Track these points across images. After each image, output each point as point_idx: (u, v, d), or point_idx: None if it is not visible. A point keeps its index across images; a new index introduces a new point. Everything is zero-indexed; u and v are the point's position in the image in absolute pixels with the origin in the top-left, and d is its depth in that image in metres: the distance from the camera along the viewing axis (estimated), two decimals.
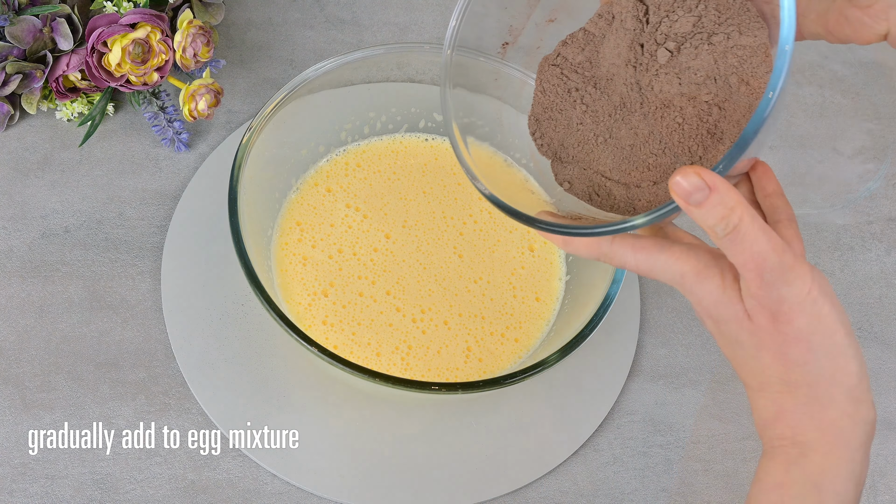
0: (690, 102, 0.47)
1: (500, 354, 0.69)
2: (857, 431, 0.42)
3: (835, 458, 0.42)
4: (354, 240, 0.72)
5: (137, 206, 0.77)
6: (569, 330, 0.65)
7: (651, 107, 0.49)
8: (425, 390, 0.60)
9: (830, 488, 0.42)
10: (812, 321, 0.41)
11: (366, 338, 0.68)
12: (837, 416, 0.42)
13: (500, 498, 0.68)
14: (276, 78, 0.84)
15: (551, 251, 0.74)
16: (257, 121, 0.67)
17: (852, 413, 0.42)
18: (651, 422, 0.72)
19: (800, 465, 0.43)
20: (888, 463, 0.73)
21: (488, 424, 0.70)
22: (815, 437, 0.42)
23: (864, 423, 0.43)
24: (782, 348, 0.42)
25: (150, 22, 0.73)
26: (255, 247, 0.66)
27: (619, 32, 0.50)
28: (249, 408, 0.69)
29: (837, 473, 0.42)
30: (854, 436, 0.42)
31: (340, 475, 0.67)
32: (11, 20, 0.73)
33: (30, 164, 0.78)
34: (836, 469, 0.42)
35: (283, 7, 0.89)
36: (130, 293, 0.73)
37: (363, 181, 0.75)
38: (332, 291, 0.70)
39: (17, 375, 0.69)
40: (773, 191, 0.51)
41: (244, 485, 0.67)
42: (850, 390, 0.42)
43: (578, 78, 0.53)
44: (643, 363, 0.75)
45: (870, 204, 0.85)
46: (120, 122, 0.81)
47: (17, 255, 0.74)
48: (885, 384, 0.76)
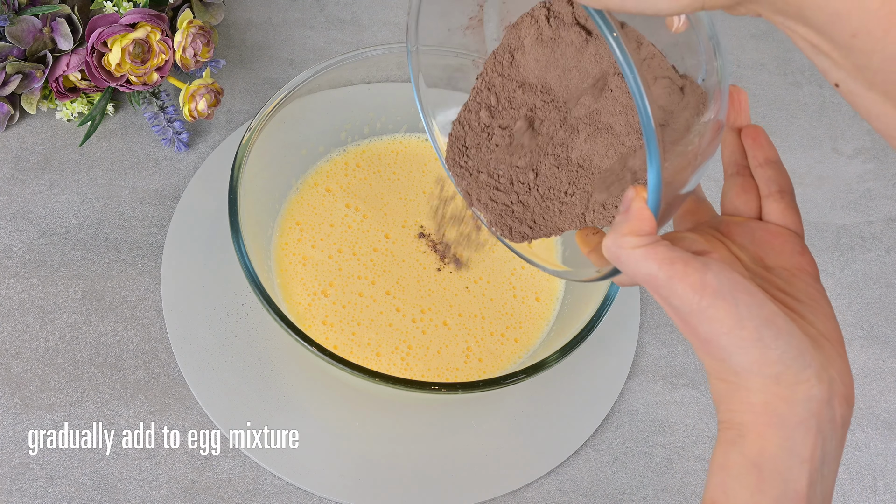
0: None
1: (500, 354, 0.69)
2: (794, 410, 0.42)
3: (771, 437, 0.42)
4: (354, 240, 0.72)
5: (137, 206, 0.77)
6: (569, 330, 0.65)
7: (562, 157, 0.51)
8: (425, 390, 0.60)
9: (770, 466, 0.42)
10: (711, 326, 0.42)
11: (365, 338, 0.68)
12: (768, 399, 0.42)
13: (500, 498, 0.68)
14: (276, 78, 0.84)
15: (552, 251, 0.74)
16: (257, 121, 0.67)
17: (787, 396, 0.42)
18: (651, 422, 0.72)
19: (737, 446, 0.43)
20: (888, 463, 0.73)
21: (488, 424, 0.70)
22: (748, 419, 0.43)
23: (805, 401, 0.42)
24: (699, 348, 0.43)
25: (150, 22, 0.73)
26: (254, 247, 0.66)
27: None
28: (249, 408, 0.69)
29: (776, 453, 0.42)
30: (791, 415, 0.42)
31: (340, 475, 0.67)
32: (11, 20, 0.73)
33: (30, 164, 0.78)
34: (774, 448, 0.42)
35: (283, 7, 0.89)
36: (130, 293, 0.73)
37: (363, 181, 0.75)
38: (332, 291, 0.70)
39: (17, 375, 0.69)
40: (766, 159, 0.51)
41: (244, 485, 0.67)
42: (778, 377, 0.42)
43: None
44: (643, 363, 0.75)
45: (870, 204, 0.85)
46: (120, 122, 0.81)
47: (17, 255, 0.74)
48: (886, 384, 0.76)
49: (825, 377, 0.43)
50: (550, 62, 0.51)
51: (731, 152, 0.52)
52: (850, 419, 0.45)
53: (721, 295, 0.42)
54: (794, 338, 0.42)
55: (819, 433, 0.43)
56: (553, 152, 0.52)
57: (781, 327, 0.42)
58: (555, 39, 0.50)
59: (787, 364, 0.42)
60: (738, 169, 0.52)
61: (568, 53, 0.50)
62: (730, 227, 0.50)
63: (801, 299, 0.46)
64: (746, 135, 0.52)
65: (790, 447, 0.42)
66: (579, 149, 0.51)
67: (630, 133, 0.49)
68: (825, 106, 0.90)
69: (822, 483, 0.43)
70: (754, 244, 0.49)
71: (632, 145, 0.49)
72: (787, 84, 0.90)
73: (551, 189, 0.52)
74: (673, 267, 0.42)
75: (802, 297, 0.46)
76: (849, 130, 0.89)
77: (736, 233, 0.50)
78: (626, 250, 0.43)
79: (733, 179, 0.52)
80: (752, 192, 0.51)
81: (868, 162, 0.87)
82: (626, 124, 0.49)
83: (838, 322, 0.47)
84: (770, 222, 0.50)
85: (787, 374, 0.42)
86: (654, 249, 0.42)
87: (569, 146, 0.52)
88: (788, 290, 0.47)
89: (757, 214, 0.51)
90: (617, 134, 0.50)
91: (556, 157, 0.52)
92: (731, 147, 0.52)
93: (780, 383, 0.42)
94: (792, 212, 0.50)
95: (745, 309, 0.41)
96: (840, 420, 0.44)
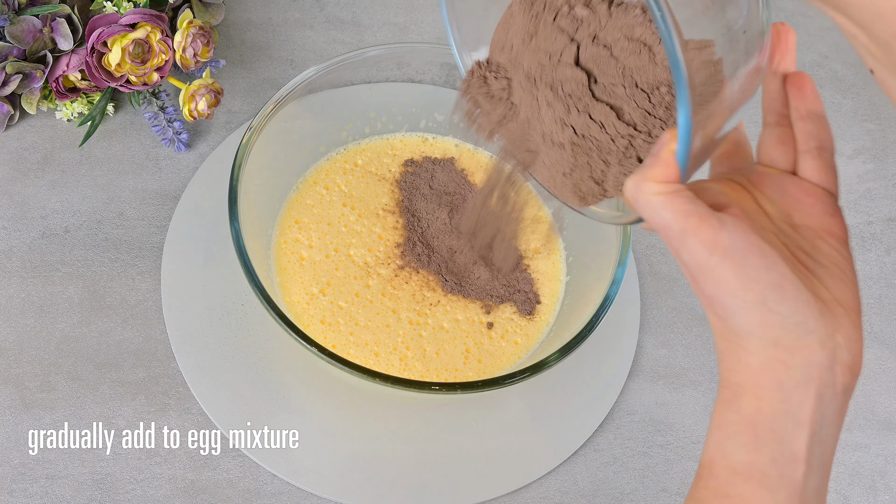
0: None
1: (499, 355, 0.69)
2: (791, 374, 0.42)
3: (767, 398, 0.42)
4: (350, 240, 0.72)
5: (137, 206, 0.77)
6: (569, 330, 0.65)
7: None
8: (425, 390, 0.60)
9: (766, 426, 0.42)
10: (717, 286, 0.41)
11: (364, 338, 0.68)
12: (765, 361, 0.42)
13: (500, 498, 0.68)
14: (276, 78, 0.84)
15: (552, 251, 0.74)
16: (257, 121, 0.67)
17: (785, 359, 0.42)
18: (651, 422, 0.72)
19: (733, 406, 0.43)
20: (888, 463, 0.73)
21: (488, 424, 0.70)
22: (745, 380, 0.43)
23: (804, 366, 0.42)
24: (705, 304, 0.43)
25: (150, 22, 0.73)
26: (254, 246, 0.66)
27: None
28: (249, 408, 0.69)
29: (771, 413, 0.42)
30: (788, 378, 0.42)
31: (340, 475, 0.67)
32: (11, 20, 0.73)
33: (30, 164, 0.78)
34: (769, 409, 0.42)
35: (283, 7, 0.89)
36: (130, 293, 0.73)
37: (360, 180, 0.75)
38: (330, 291, 0.70)
39: (17, 375, 0.69)
40: (808, 112, 0.48)
41: (244, 485, 0.67)
42: (777, 341, 0.42)
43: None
44: (643, 363, 0.75)
45: (870, 204, 0.85)
46: (120, 122, 0.81)
47: (17, 255, 0.74)
48: (886, 384, 0.76)
49: (829, 344, 0.42)
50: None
51: (772, 100, 0.49)
52: (852, 387, 0.44)
53: (731, 255, 0.41)
54: (801, 303, 0.42)
55: (818, 397, 0.42)
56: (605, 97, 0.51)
57: (788, 292, 0.41)
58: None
59: (787, 329, 0.42)
60: (777, 118, 0.49)
61: None
62: (763, 179, 0.48)
63: (822, 262, 0.45)
64: (791, 83, 0.48)
65: (786, 409, 0.42)
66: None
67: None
68: (825, 106, 0.90)
69: (820, 446, 0.43)
70: (784, 199, 0.47)
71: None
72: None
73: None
74: (688, 220, 0.41)
75: (823, 261, 0.45)
76: (849, 130, 0.89)
77: (767, 185, 0.48)
78: (645, 195, 0.42)
79: (771, 129, 0.49)
80: (790, 145, 0.49)
81: (868, 162, 0.87)
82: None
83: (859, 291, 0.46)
84: (805, 179, 0.48)
85: (787, 339, 0.42)
86: (673, 199, 0.42)
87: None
88: (811, 251, 0.46)
89: (793, 168, 0.49)
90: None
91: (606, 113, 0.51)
92: (772, 94, 0.49)
93: (778, 346, 0.42)
94: (828, 170, 0.48)
95: (752, 271, 0.41)
96: (841, 387, 0.43)
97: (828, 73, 0.93)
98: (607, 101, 0.48)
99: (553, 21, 0.49)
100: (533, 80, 0.51)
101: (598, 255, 0.68)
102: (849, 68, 0.93)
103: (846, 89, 0.92)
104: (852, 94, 0.92)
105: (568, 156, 0.51)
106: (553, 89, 0.50)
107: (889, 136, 0.90)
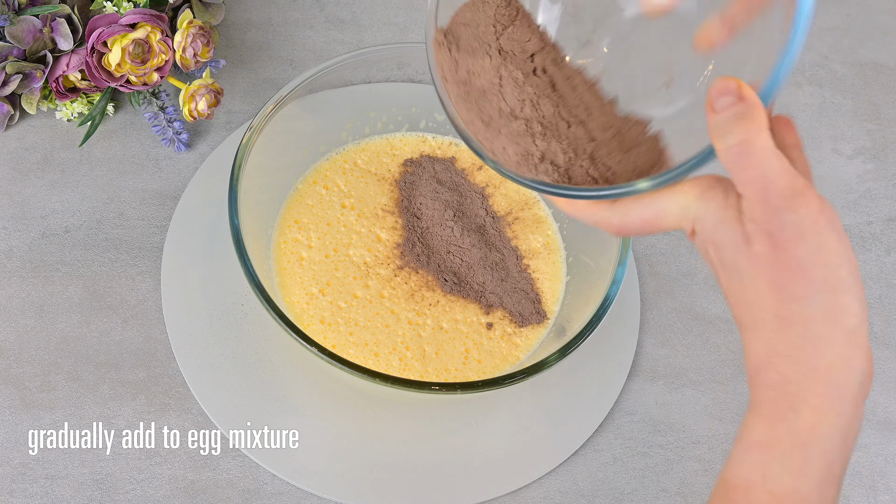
0: None
1: (499, 355, 0.69)
2: (850, 382, 0.38)
3: (825, 411, 0.38)
4: (349, 240, 0.72)
5: (137, 206, 0.77)
6: (569, 330, 0.65)
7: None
8: (425, 390, 0.60)
9: (817, 448, 0.38)
10: (814, 252, 0.38)
11: (363, 338, 0.68)
12: (832, 360, 0.38)
13: (500, 498, 0.68)
14: (276, 78, 0.84)
15: (552, 251, 0.74)
16: (257, 120, 0.67)
17: (849, 358, 0.38)
18: (651, 422, 0.72)
19: (787, 421, 0.39)
20: (888, 463, 0.73)
21: (488, 424, 0.70)
22: (806, 387, 0.38)
23: (860, 373, 0.39)
24: (779, 278, 0.39)
25: (150, 22, 0.73)
26: (254, 246, 0.66)
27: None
28: (249, 408, 0.69)
29: (827, 431, 0.38)
30: (847, 387, 0.38)
31: (340, 475, 0.67)
32: (11, 20, 0.73)
33: (30, 164, 0.78)
34: (826, 426, 0.38)
35: (283, 7, 0.89)
36: (130, 293, 0.73)
37: (360, 180, 0.75)
38: (329, 291, 0.70)
39: (17, 375, 0.69)
40: (792, 143, 0.47)
41: (244, 485, 0.67)
42: (850, 333, 0.38)
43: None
44: (643, 363, 0.75)
45: (870, 204, 0.85)
46: (120, 122, 0.81)
47: (17, 255, 0.74)
48: (886, 384, 0.76)
49: (868, 348, 0.40)
50: None
51: None
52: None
53: (834, 225, 0.39)
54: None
55: (858, 416, 0.39)
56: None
57: (860, 281, 0.39)
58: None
59: (861, 321, 0.38)
60: None
61: None
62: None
63: None
64: (777, 122, 0.48)
65: (840, 425, 0.38)
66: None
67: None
68: (825, 106, 0.90)
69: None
70: None
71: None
72: (786, 84, 0.90)
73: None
74: (797, 179, 0.39)
75: None
76: (849, 131, 0.89)
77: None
78: (760, 144, 0.39)
79: None
80: None
81: (868, 162, 0.87)
82: None
83: None
84: None
85: (856, 335, 0.38)
86: (781, 154, 0.39)
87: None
88: None
89: None
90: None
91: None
92: None
93: (848, 343, 0.38)
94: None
95: (848, 249, 0.39)
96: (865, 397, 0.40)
97: (828, 73, 0.93)
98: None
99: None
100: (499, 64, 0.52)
101: (598, 255, 0.68)
102: (849, 68, 0.93)
103: (846, 89, 0.92)
104: (852, 94, 0.92)
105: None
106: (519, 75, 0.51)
107: (889, 136, 0.90)
